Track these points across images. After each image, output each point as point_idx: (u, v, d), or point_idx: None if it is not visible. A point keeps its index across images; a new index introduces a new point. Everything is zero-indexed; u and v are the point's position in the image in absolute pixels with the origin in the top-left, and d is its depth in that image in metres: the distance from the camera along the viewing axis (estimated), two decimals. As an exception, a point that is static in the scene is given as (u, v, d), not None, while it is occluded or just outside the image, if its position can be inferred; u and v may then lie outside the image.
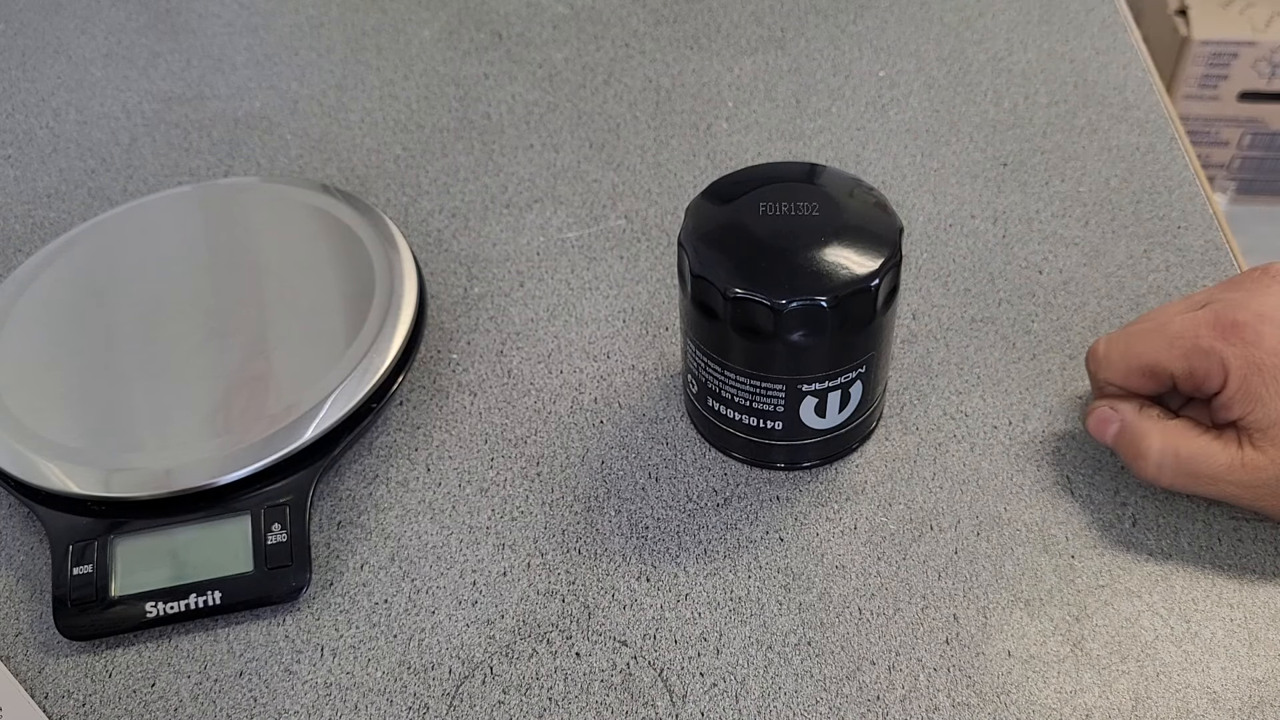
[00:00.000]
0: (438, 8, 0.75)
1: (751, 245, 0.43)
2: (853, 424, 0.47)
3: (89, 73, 0.71)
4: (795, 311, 0.41)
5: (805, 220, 0.43)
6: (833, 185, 0.45)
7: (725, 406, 0.47)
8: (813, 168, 0.46)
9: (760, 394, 0.45)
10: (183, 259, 0.56)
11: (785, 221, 0.43)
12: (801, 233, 0.43)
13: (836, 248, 0.42)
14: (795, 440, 0.47)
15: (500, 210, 0.61)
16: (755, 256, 0.43)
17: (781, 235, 0.43)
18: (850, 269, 0.42)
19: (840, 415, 0.46)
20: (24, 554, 0.48)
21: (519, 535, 0.48)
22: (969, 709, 0.42)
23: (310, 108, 0.68)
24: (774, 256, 0.42)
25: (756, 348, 0.43)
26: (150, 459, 0.47)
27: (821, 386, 0.44)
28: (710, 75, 0.69)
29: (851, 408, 0.46)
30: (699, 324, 0.45)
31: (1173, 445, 0.44)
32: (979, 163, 0.62)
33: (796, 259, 0.42)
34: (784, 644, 0.44)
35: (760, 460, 0.49)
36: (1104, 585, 0.45)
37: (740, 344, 0.43)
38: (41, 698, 0.44)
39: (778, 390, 0.45)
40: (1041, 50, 0.69)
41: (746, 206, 0.44)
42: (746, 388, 0.45)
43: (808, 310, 0.41)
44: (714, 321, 0.43)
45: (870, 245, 0.42)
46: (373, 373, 0.49)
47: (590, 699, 0.43)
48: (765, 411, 0.46)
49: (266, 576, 0.45)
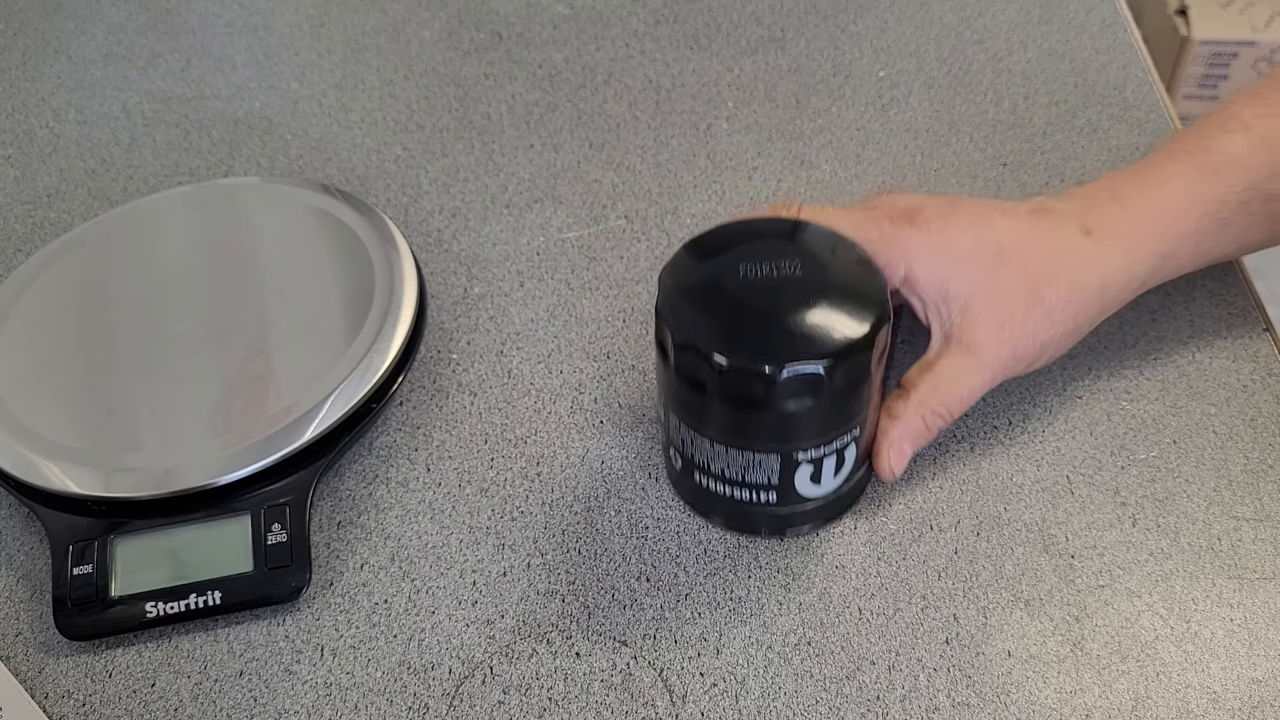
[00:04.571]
0: (438, 8, 0.75)
1: (737, 310, 0.41)
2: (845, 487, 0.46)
3: (89, 73, 0.71)
4: (791, 379, 0.39)
5: (789, 281, 0.41)
6: (813, 243, 0.43)
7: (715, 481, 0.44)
8: (793, 225, 0.45)
9: (752, 466, 0.43)
10: (183, 259, 0.56)
11: (768, 283, 0.41)
12: (787, 294, 0.41)
13: (826, 309, 0.41)
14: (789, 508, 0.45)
15: (500, 210, 0.61)
16: (743, 322, 0.41)
17: (767, 298, 0.41)
18: (843, 331, 0.40)
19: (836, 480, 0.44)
20: (24, 554, 0.48)
21: (519, 535, 0.48)
22: (969, 709, 0.42)
23: (310, 108, 0.68)
24: (762, 321, 0.40)
25: (747, 418, 0.41)
26: (150, 459, 0.47)
27: (818, 453, 0.43)
28: (710, 75, 0.69)
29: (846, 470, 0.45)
30: (685, 397, 0.42)
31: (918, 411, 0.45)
32: (979, 163, 0.62)
33: (786, 323, 0.40)
34: (784, 644, 0.44)
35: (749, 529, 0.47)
36: (1104, 585, 0.45)
37: (730, 415, 0.42)
38: (41, 698, 0.44)
39: (771, 461, 0.43)
40: (1041, 50, 0.69)
41: (726, 269, 0.42)
42: (738, 461, 0.43)
43: (804, 377, 0.39)
44: (702, 394, 0.41)
45: (859, 304, 0.41)
46: (373, 373, 0.49)
47: (590, 699, 0.43)
48: (758, 484, 0.44)
49: (266, 576, 0.45)
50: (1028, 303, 0.44)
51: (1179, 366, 0.52)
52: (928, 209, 0.46)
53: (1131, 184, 0.47)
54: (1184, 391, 0.51)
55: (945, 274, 0.45)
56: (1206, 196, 0.46)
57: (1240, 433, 0.49)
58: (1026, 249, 0.45)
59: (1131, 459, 0.49)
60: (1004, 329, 0.45)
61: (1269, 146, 0.46)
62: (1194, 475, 0.48)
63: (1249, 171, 0.46)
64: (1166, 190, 0.46)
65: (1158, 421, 0.50)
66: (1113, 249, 0.46)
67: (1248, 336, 0.53)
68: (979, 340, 0.45)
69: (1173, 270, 0.48)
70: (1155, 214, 0.46)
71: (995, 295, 0.44)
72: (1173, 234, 0.46)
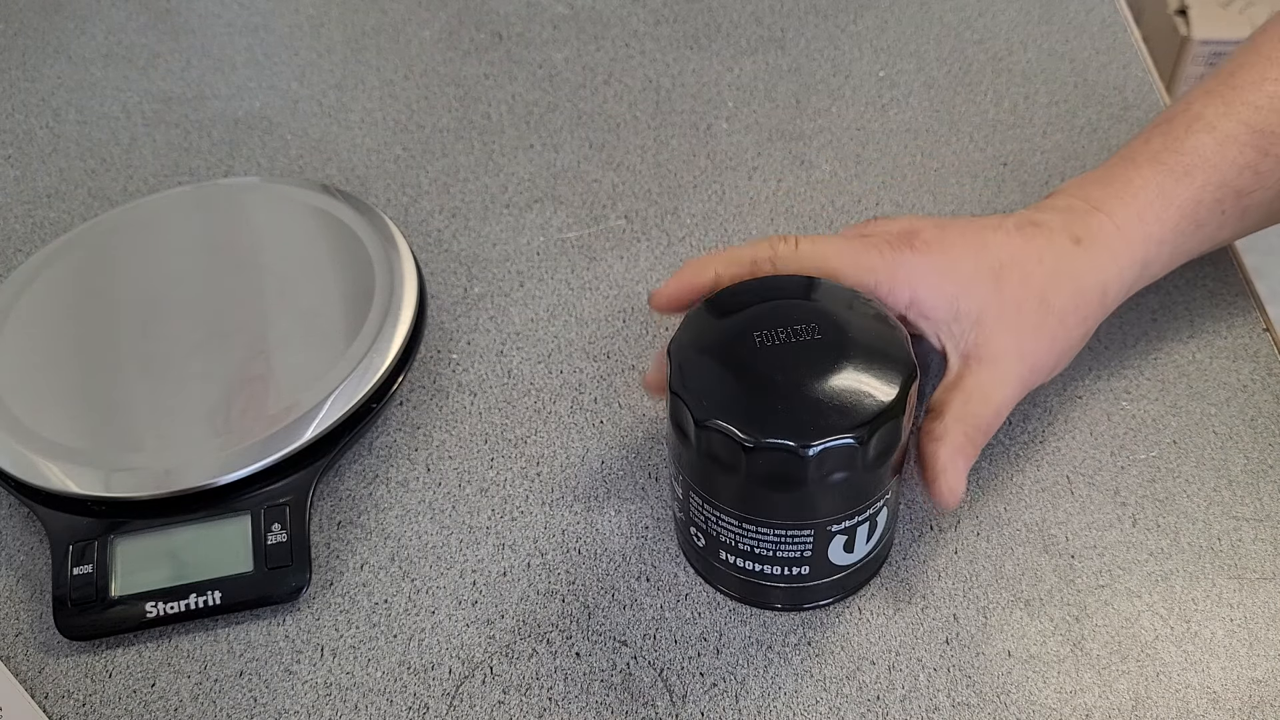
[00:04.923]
0: (438, 8, 0.75)
1: (759, 384, 0.38)
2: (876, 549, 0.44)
3: (89, 73, 0.71)
4: (824, 453, 0.37)
5: (809, 347, 0.39)
6: (827, 302, 0.41)
7: (745, 560, 0.42)
8: (804, 285, 0.43)
9: (785, 541, 0.41)
10: (183, 259, 0.56)
11: (787, 352, 0.39)
12: (808, 363, 0.39)
13: (853, 373, 0.38)
14: (821, 579, 0.43)
15: (500, 210, 0.61)
16: (768, 397, 0.38)
17: (787, 369, 0.39)
18: (875, 396, 0.38)
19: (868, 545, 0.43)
20: (24, 554, 0.48)
21: (519, 535, 0.48)
22: (969, 709, 0.42)
23: (310, 108, 0.68)
24: (789, 395, 0.38)
25: (779, 496, 0.39)
26: (150, 459, 0.47)
27: (850, 524, 0.41)
28: (710, 75, 0.69)
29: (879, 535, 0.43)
30: (709, 477, 0.40)
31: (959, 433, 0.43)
32: (979, 163, 0.62)
33: (813, 395, 0.38)
34: (784, 644, 0.44)
35: (793, 604, 0.45)
36: (1104, 585, 0.45)
37: (760, 494, 0.39)
38: (41, 698, 0.44)
39: (805, 536, 0.41)
40: (1041, 50, 0.69)
41: (739, 339, 0.40)
42: (769, 538, 0.41)
43: (839, 450, 0.37)
44: (728, 474, 0.39)
45: (885, 365, 0.39)
46: (373, 373, 0.49)
47: (590, 699, 0.43)
48: (791, 559, 0.42)
49: (266, 576, 0.45)
50: (1040, 312, 0.45)
51: (1179, 366, 0.52)
52: (923, 232, 0.45)
53: (1104, 192, 0.47)
54: (1184, 391, 0.51)
55: (953, 293, 0.44)
56: (1181, 200, 0.47)
57: (1240, 433, 0.49)
58: (1025, 263, 0.45)
59: (1131, 459, 0.49)
60: (1021, 340, 0.45)
61: (1235, 143, 0.47)
62: (1194, 475, 0.48)
63: (1218, 170, 0.47)
64: (1142, 199, 0.47)
65: (1158, 421, 0.50)
66: (1104, 257, 0.46)
67: (1248, 336, 0.53)
68: (998, 353, 0.44)
69: (1150, 277, 0.48)
70: (1133, 224, 0.46)
71: (1005, 309, 0.44)
72: (1152, 240, 0.47)
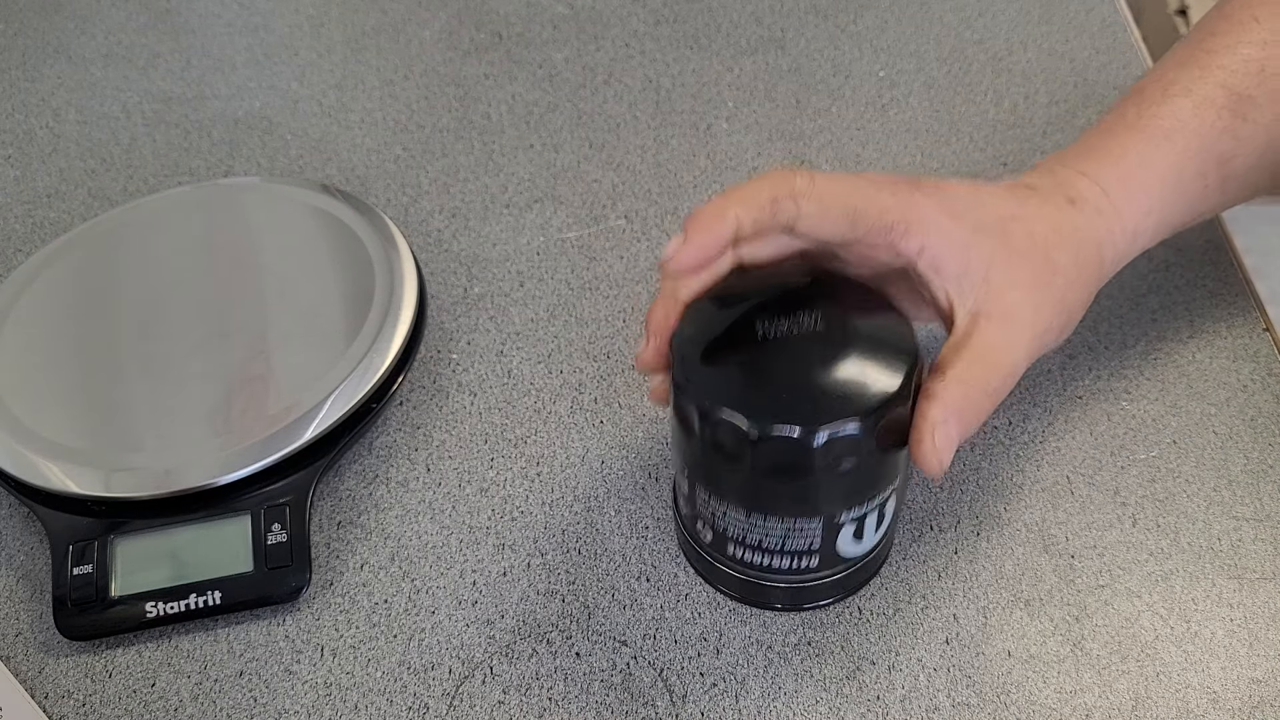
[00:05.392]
0: (438, 8, 0.75)
1: (765, 375, 0.38)
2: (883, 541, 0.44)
3: (89, 73, 0.71)
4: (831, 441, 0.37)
5: (812, 337, 0.39)
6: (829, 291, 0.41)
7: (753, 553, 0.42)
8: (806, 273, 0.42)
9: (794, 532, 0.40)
10: (183, 259, 0.56)
11: (791, 342, 0.39)
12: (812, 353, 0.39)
13: (857, 362, 0.38)
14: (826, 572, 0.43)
15: (500, 210, 0.61)
16: (775, 387, 0.38)
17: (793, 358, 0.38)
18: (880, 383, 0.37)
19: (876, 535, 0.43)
20: (24, 554, 0.48)
21: (519, 535, 0.48)
22: (969, 709, 0.42)
23: (310, 108, 0.68)
24: (795, 384, 0.38)
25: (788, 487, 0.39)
26: (150, 459, 0.47)
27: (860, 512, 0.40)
28: (710, 75, 0.69)
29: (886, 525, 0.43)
30: (716, 471, 0.40)
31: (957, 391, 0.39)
32: (979, 163, 0.62)
33: (820, 383, 0.38)
34: (784, 644, 0.44)
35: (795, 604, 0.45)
36: (1104, 585, 0.45)
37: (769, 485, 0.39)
38: (41, 698, 0.44)
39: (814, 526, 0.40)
40: (1041, 50, 0.69)
41: (742, 330, 0.39)
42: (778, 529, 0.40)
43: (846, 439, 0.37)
44: (736, 466, 0.38)
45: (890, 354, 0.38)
46: (373, 373, 0.49)
47: (590, 699, 0.43)
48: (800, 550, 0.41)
49: (266, 576, 0.45)
50: (1047, 270, 0.43)
51: (1179, 366, 0.52)
52: (924, 180, 0.44)
53: (1086, 161, 0.46)
54: (1184, 391, 0.51)
55: (964, 240, 0.42)
56: (1163, 168, 0.46)
57: (1240, 433, 0.49)
58: (1026, 219, 0.43)
59: (1131, 459, 0.49)
60: (1032, 294, 0.42)
61: (1213, 106, 0.46)
62: (1194, 475, 0.48)
63: (1198, 135, 0.46)
64: (1124, 166, 0.45)
65: (1158, 421, 0.50)
66: (1098, 219, 0.45)
67: (1248, 336, 0.53)
68: (1012, 307, 0.42)
69: (1139, 248, 0.47)
70: (1118, 190, 0.45)
71: (1014, 261, 0.42)
72: (1139, 210, 0.45)
